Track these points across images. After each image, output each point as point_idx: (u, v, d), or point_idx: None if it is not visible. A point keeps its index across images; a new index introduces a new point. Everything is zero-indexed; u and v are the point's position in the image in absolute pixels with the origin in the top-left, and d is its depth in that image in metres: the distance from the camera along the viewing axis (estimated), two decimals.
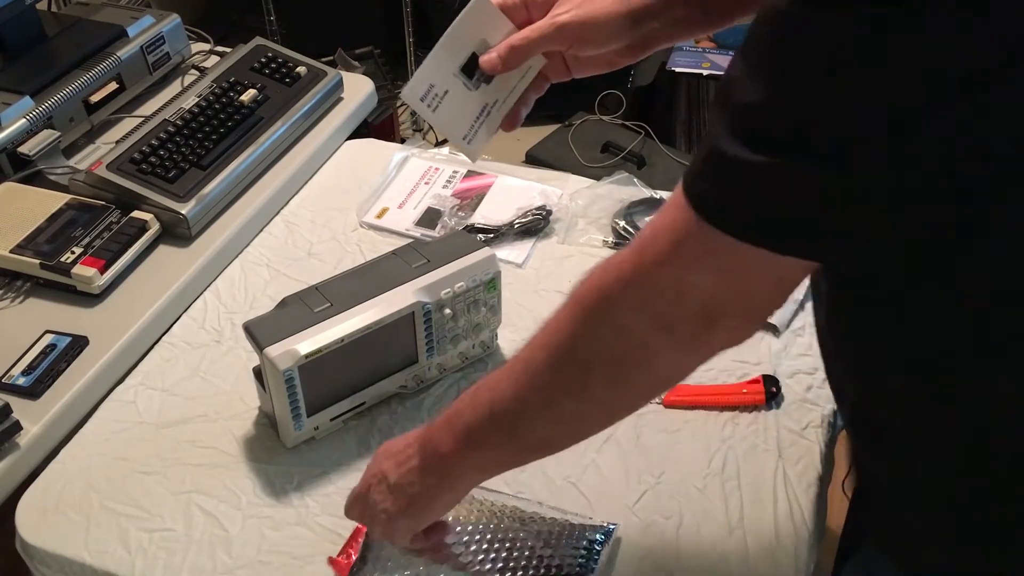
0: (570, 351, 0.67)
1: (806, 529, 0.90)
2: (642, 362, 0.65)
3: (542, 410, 0.70)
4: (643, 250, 0.61)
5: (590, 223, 1.26)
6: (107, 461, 0.98)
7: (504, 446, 0.74)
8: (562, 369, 0.67)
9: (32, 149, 1.26)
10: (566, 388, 0.68)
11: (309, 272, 1.19)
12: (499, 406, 0.71)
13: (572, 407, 0.69)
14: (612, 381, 0.66)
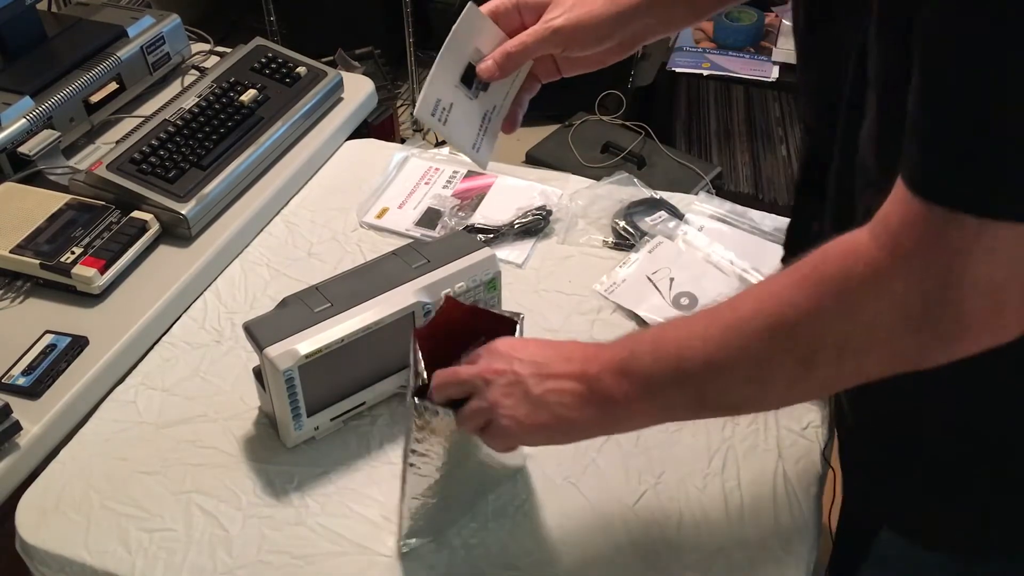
0: (797, 329, 0.63)
1: (806, 529, 0.90)
2: (883, 354, 0.61)
3: (745, 382, 0.67)
4: (898, 243, 0.57)
5: (590, 223, 1.26)
6: (107, 461, 0.98)
7: (686, 403, 0.70)
8: (783, 346, 0.64)
9: (32, 149, 1.26)
10: (782, 364, 0.65)
11: (309, 272, 1.19)
12: (691, 364, 0.67)
13: (784, 383, 0.66)
14: (840, 366, 0.63)
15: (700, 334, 0.68)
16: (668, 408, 0.72)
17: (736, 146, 2.51)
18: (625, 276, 1.17)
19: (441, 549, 0.89)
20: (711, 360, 0.67)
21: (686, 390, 0.69)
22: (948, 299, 0.57)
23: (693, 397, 0.69)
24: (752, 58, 2.57)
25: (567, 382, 0.73)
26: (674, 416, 0.76)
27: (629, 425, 0.75)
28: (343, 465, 0.97)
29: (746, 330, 0.65)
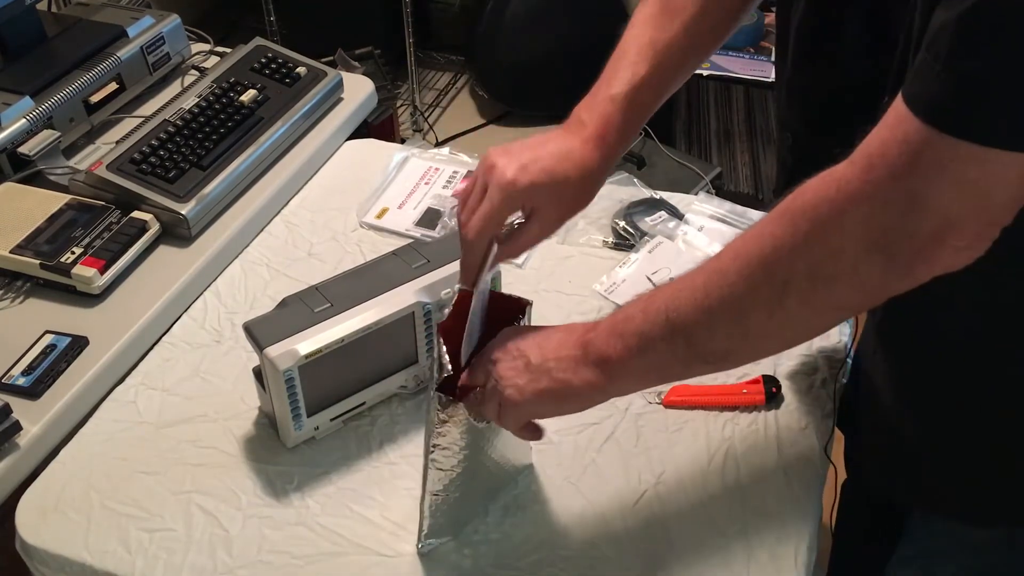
0: (771, 265, 0.65)
1: (806, 529, 0.90)
2: (849, 282, 0.63)
3: (728, 323, 0.68)
4: (871, 165, 0.59)
5: (590, 223, 1.26)
6: (107, 461, 0.98)
7: (677, 356, 0.72)
8: (759, 282, 0.66)
9: (32, 149, 1.26)
10: (760, 302, 0.66)
11: (309, 272, 1.19)
12: (678, 314, 0.70)
13: (762, 322, 0.67)
14: (812, 298, 0.65)
15: (687, 286, 0.70)
16: (662, 365, 0.74)
17: (736, 146, 2.51)
18: (625, 276, 1.17)
19: (440, 549, 0.89)
20: (697, 307, 0.69)
21: (676, 341, 0.71)
22: (907, 226, 0.59)
23: (683, 348, 0.71)
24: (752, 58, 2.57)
25: (565, 349, 0.76)
26: (669, 372, 0.77)
27: (626, 385, 0.77)
28: (343, 465, 0.97)
29: (727, 271, 0.67)
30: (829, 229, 0.62)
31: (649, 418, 1.01)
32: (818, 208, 0.62)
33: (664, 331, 0.71)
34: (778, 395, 1.02)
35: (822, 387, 1.04)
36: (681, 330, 0.70)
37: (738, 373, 1.05)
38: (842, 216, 0.61)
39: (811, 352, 1.08)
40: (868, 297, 0.65)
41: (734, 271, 0.67)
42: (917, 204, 0.58)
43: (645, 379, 0.77)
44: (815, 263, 0.63)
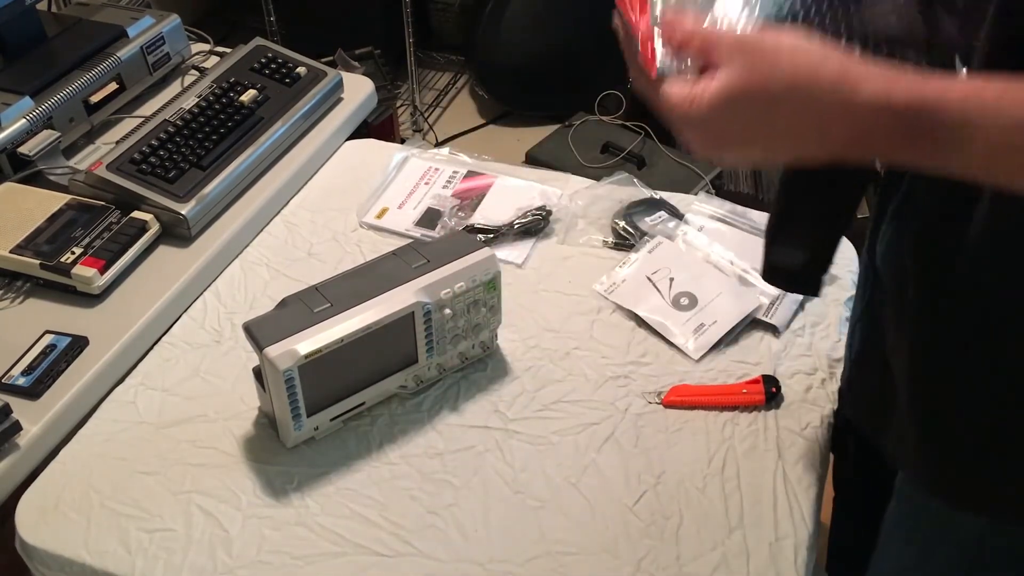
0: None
1: (806, 529, 0.90)
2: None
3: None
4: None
5: (590, 223, 1.26)
6: (107, 461, 0.98)
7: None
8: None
9: (32, 149, 1.26)
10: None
11: (309, 272, 1.19)
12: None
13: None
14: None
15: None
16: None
17: None
18: (625, 276, 1.17)
19: (439, 547, 0.89)
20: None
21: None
22: None
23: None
24: None
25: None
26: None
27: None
28: (343, 465, 0.97)
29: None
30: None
31: (649, 418, 1.01)
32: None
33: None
34: (778, 395, 1.02)
35: (822, 387, 1.04)
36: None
37: (739, 373, 1.06)
38: None
39: (811, 352, 1.08)
40: None
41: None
42: None
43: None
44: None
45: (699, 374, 1.06)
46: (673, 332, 1.09)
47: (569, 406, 1.03)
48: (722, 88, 0.62)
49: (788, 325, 1.11)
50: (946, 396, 0.81)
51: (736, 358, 1.08)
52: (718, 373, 1.06)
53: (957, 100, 0.56)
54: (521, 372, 1.06)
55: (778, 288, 1.04)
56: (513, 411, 1.02)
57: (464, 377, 1.06)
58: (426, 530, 0.91)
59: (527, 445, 0.98)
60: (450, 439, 0.99)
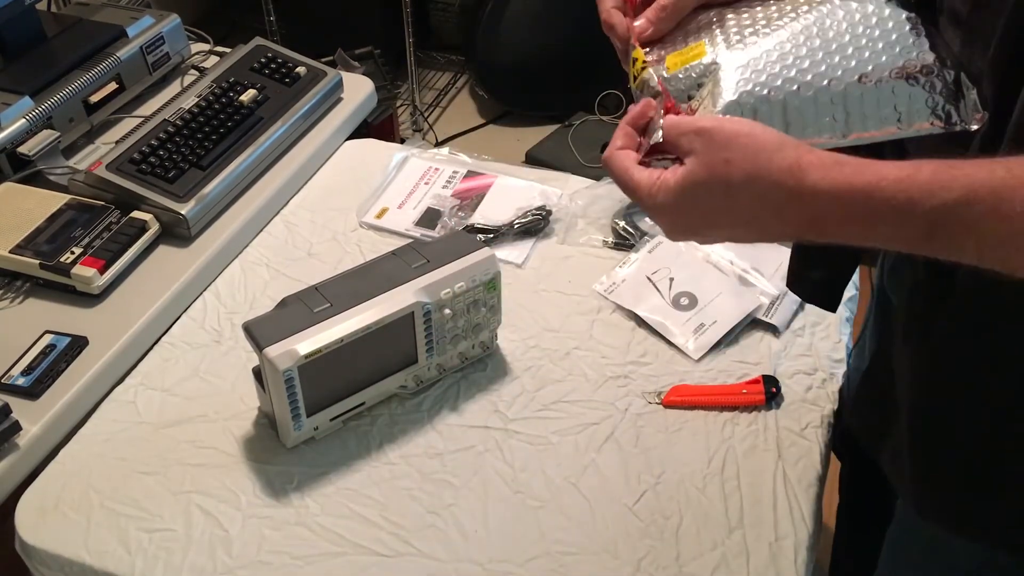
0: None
1: (806, 529, 0.90)
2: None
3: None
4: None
5: (590, 223, 1.26)
6: (107, 461, 0.98)
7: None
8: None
9: (32, 149, 1.26)
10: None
11: (309, 272, 1.19)
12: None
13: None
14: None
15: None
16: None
17: None
18: (625, 276, 1.17)
19: (439, 547, 0.89)
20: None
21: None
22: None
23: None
24: None
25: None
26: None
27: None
28: (343, 465, 0.97)
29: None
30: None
31: (649, 418, 1.01)
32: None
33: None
34: (778, 395, 1.02)
35: (822, 387, 1.04)
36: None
37: (738, 373, 1.06)
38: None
39: (811, 352, 1.08)
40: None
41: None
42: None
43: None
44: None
45: (699, 374, 1.06)
46: (673, 332, 1.09)
47: (569, 406, 1.03)
48: (682, 178, 0.65)
49: (788, 325, 1.11)
50: (943, 417, 0.81)
51: (736, 358, 1.08)
52: (718, 373, 1.06)
53: (892, 182, 0.58)
54: (521, 372, 1.06)
55: (800, 298, 1.05)
56: (513, 411, 1.02)
57: (464, 377, 1.06)
58: (426, 530, 0.91)
59: (527, 445, 0.98)
60: (450, 439, 0.99)
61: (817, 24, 0.71)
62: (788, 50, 0.70)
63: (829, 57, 0.69)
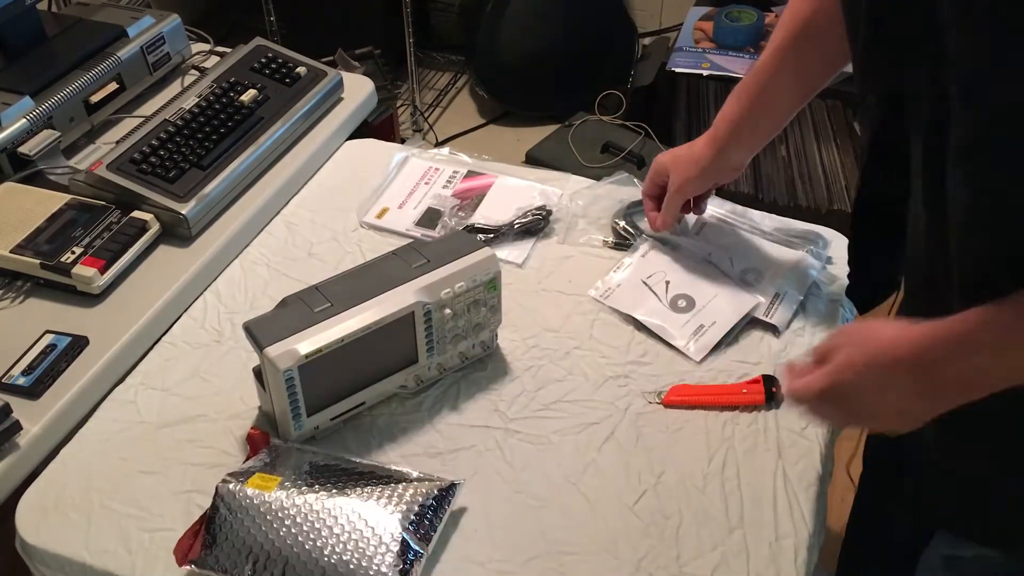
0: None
1: (806, 529, 0.90)
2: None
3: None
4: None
5: (590, 223, 1.26)
6: (107, 461, 0.98)
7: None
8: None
9: (32, 149, 1.26)
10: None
11: (309, 272, 1.19)
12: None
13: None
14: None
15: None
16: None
17: None
18: (620, 281, 1.17)
19: (439, 547, 0.89)
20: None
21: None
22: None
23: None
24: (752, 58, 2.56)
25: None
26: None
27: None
28: None
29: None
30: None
31: (649, 418, 1.01)
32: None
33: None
34: (778, 395, 1.02)
35: None
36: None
37: (739, 373, 1.06)
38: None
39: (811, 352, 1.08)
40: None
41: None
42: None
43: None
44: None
45: (699, 374, 1.06)
46: (673, 335, 1.09)
47: (569, 406, 1.03)
48: (828, 372, 0.79)
49: (788, 325, 1.11)
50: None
51: (736, 358, 1.08)
52: (718, 373, 1.06)
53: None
54: (521, 372, 1.06)
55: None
56: (513, 411, 1.02)
57: (464, 377, 1.06)
58: None
59: (527, 445, 0.98)
60: (450, 439, 0.99)
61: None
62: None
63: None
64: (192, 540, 0.86)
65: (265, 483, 0.86)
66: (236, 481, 0.86)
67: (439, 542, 0.88)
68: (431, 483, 0.88)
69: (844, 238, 1.23)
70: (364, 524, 0.83)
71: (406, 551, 0.82)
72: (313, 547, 0.82)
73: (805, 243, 1.20)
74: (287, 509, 0.84)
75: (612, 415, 1.01)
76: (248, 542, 0.83)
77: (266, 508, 0.84)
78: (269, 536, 0.82)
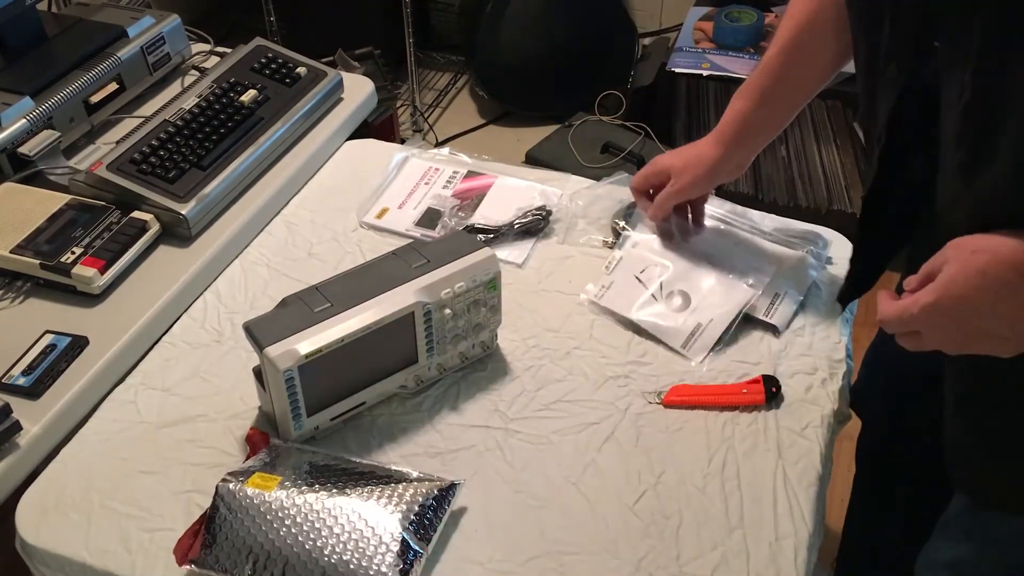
0: None
1: (806, 529, 0.90)
2: None
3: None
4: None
5: (590, 223, 1.26)
6: (107, 461, 0.98)
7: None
8: None
9: (32, 149, 1.26)
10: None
11: (309, 272, 1.19)
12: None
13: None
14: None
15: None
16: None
17: None
18: (613, 279, 1.16)
19: (439, 546, 0.89)
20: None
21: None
22: None
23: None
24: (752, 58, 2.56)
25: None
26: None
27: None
28: None
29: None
30: None
31: (649, 418, 1.01)
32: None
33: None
34: (778, 395, 1.02)
35: (822, 387, 1.04)
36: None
37: (739, 373, 1.06)
38: None
39: (811, 352, 1.08)
40: None
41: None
42: None
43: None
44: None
45: (699, 374, 1.06)
46: (671, 338, 1.09)
47: (569, 406, 1.03)
48: (937, 284, 0.72)
49: (788, 325, 1.11)
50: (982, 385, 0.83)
51: (736, 358, 1.08)
52: (718, 373, 1.06)
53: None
54: (521, 372, 1.07)
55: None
56: (513, 411, 1.02)
57: (464, 377, 1.06)
58: None
59: (527, 445, 0.99)
60: (450, 439, 0.99)
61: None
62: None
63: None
64: (192, 540, 0.86)
65: (265, 483, 0.86)
66: (236, 481, 0.86)
67: (439, 542, 0.88)
68: (431, 483, 0.88)
69: (844, 238, 1.23)
70: (364, 524, 0.83)
71: (406, 551, 0.82)
72: (313, 547, 0.82)
73: (805, 243, 1.20)
74: (287, 509, 0.84)
75: (612, 415, 1.01)
76: (248, 542, 0.83)
77: (266, 508, 0.84)
78: (269, 536, 0.82)
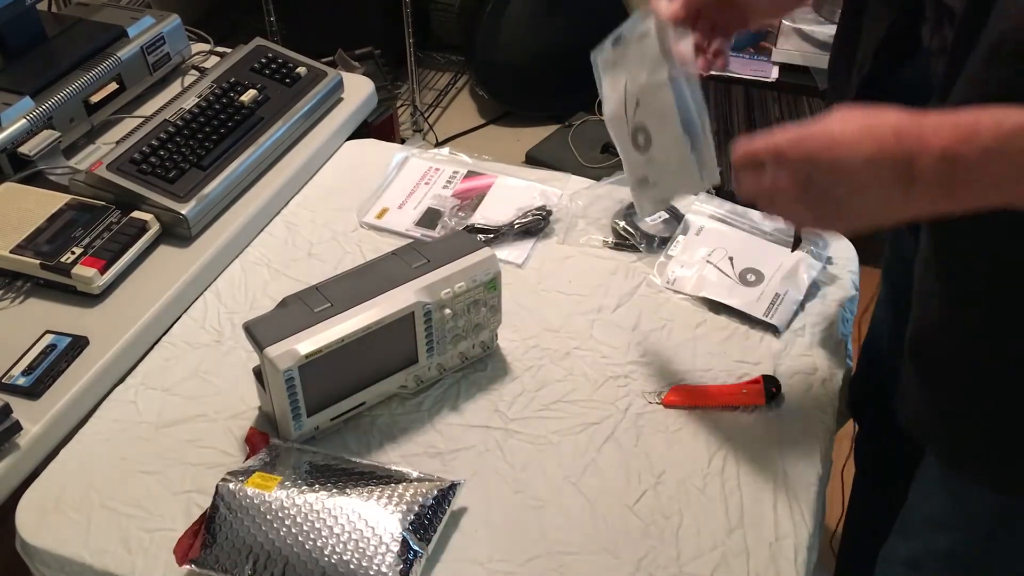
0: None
1: (806, 529, 0.90)
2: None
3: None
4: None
5: (590, 223, 1.26)
6: (107, 461, 0.98)
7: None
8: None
9: (32, 149, 1.26)
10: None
11: (309, 272, 1.19)
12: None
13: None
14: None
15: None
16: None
17: None
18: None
19: (439, 547, 0.89)
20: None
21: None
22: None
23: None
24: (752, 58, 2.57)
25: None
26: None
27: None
28: None
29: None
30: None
31: (649, 418, 1.01)
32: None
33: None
34: (778, 395, 1.02)
35: (822, 387, 1.04)
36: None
37: (738, 373, 1.06)
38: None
39: (811, 352, 1.08)
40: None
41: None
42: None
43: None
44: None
45: (699, 373, 1.06)
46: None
47: (569, 406, 1.03)
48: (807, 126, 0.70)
49: (788, 325, 1.11)
50: (944, 348, 0.82)
51: (736, 358, 1.08)
52: (718, 373, 1.06)
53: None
54: (521, 372, 1.07)
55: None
56: (513, 411, 1.02)
57: (464, 377, 1.06)
58: None
59: (527, 445, 0.99)
60: (450, 439, 0.99)
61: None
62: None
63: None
64: (192, 540, 0.86)
65: (265, 483, 0.86)
66: (236, 480, 0.86)
67: (439, 542, 0.88)
68: (431, 483, 0.88)
69: (844, 238, 1.23)
70: (364, 524, 0.83)
71: (406, 551, 0.82)
72: (313, 547, 0.82)
73: (805, 243, 1.21)
74: (287, 509, 0.84)
75: (612, 415, 1.01)
76: (248, 541, 0.83)
77: (266, 508, 0.84)
78: (269, 536, 0.82)
